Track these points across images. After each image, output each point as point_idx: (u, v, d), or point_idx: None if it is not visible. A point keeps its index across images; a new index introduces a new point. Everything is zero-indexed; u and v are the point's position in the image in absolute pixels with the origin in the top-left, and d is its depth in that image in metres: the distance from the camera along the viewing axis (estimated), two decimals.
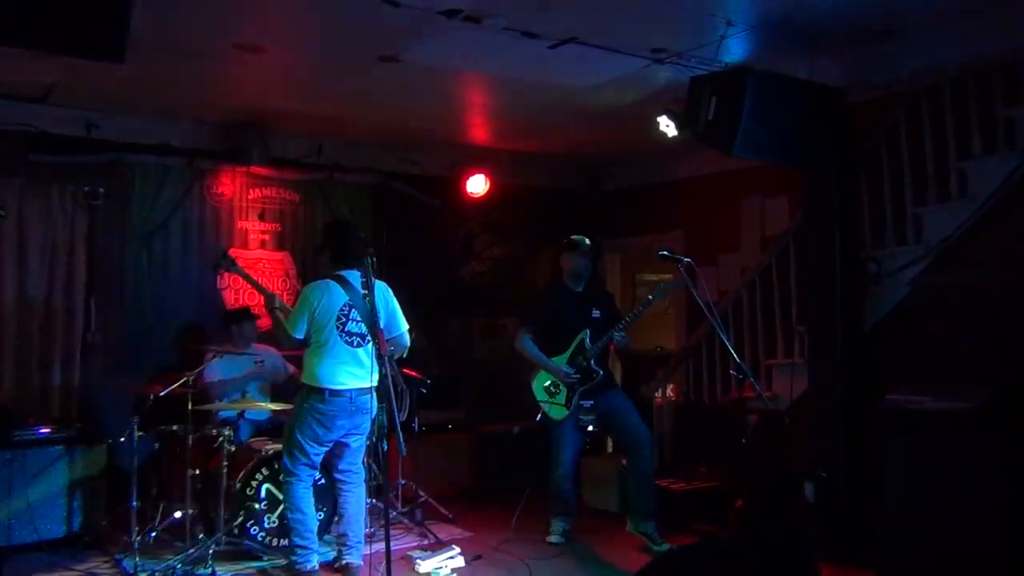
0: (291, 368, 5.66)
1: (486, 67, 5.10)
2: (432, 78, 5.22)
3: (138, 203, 6.09)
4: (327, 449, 4.40)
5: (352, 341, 4.31)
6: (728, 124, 4.18)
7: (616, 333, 5.09)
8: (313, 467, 4.38)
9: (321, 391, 4.26)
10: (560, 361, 5.19)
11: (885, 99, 5.08)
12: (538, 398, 5.26)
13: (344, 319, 4.30)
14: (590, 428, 5.27)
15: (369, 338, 4.22)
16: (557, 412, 5.19)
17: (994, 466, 3.94)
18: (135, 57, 3.00)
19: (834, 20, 4.30)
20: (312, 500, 4.42)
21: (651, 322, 7.98)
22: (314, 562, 4.37)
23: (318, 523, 4.57)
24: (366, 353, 4.29)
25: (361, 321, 4.30)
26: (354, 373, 4.31)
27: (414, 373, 5.63)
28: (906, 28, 4.46)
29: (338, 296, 4.31)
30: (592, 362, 5.14)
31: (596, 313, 5.24)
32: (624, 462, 5.47)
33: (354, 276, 4.33)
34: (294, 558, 4.35)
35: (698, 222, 7.30)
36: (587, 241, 5.31)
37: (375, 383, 4.29)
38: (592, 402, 5.15)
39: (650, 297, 5.16)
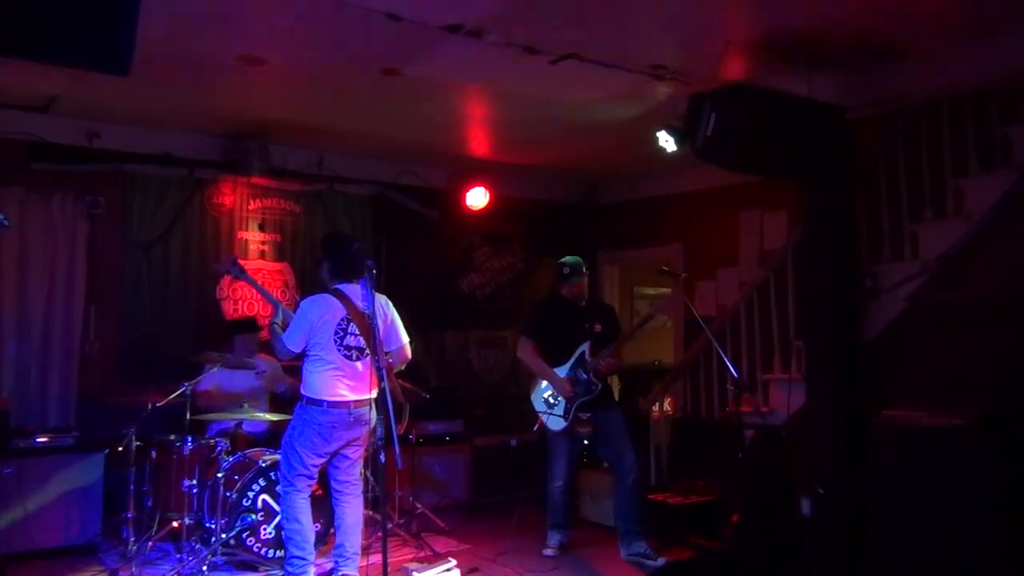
0: (288, 380, 5.67)
1: (487, 81, 5.13)
2: (433, 91, 5.25)
3: (138, 213, 6.11)
4: (325, 460, 4.41)
5: (351, 354, 4.32)
6: (727, 140, 4.20)
7: (602, 360, 5.10)
8: (311, 478, 4.38)
9: (320, 403, 4.27)
10: (560, 372, 5.20)
11: (883, 116, 5.13)
12: (536, 408, 5.27)
13: (343, 333, 4.31)
14: (585, 441, 5.28)
15: (368, 351, 4.23)
16: (555, 423, 5.20)
17: (989, 482, 3.94)
18: (138, 68, 3.01)
19: (833, 39, 4.34)
20: (309, 511, 4.41)
21: (649, 336, 8.00)
22: (311, 573, 4.37)
23: (315, 534, 4.57)
24: (365, 366, 4.30)
25: (360, 335, 4.31)
26: (353, 386, 4.31)
27: (409, 385, 5.63)
28: (905, 47, 4.50)
29: (336, 310, 4.32)
30: (592, 375, 5.15)
31: (598, 327, 5.26)
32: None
33: (352, 290, 4.34)
34: (290, 569, 4.34)
35: (697, 236, 7.33)
36: (581, 267, 5.28)
37: (374, 395, 4.32)
38: (589, 415, 5.16)
39: (652, 312, 5.18)
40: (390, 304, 4.53)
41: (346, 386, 4.30)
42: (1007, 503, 3.91)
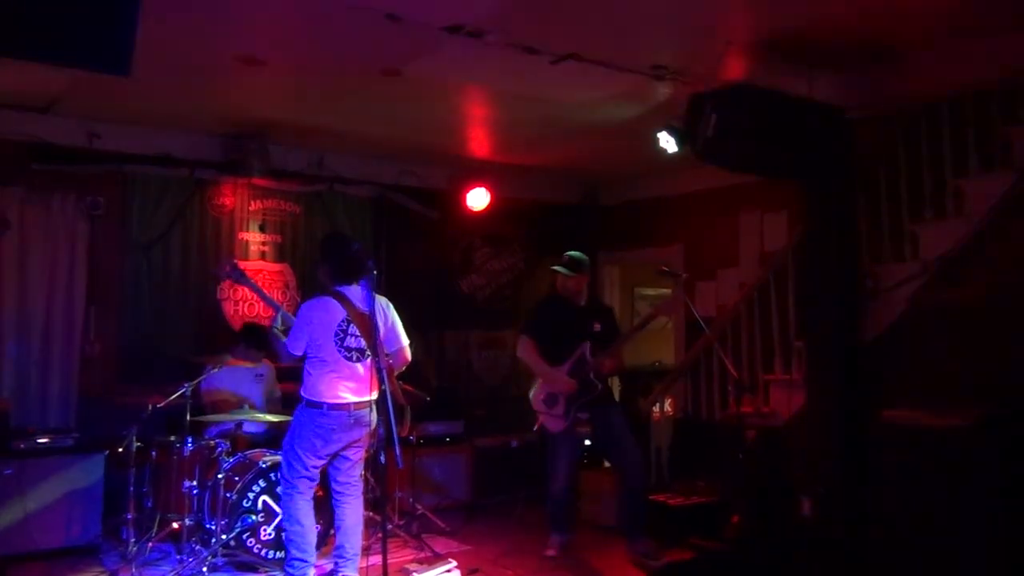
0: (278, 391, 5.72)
1: (488, 82, 5.13)
2: (433, 92, 5.25)
3: (138, 213, 6.11)
4: (325, 462, 4.40)
5: (351, 356, 4.31)
6: (727, 140, 4.21)
7: (603, 360, 5.09)
8: (312, 480, 4.37)
9: (321, 405, 4.26)
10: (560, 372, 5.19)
11: (883, 116, 5.12)
12: (536, 408, 5.26)
13: (343, 334, 4.30)
14: (586, 441, 5.27)
15: (369, 352, 4.22)
16: (554, 423, 5.19)
17: (989, 482, 3.94)
18: (138, 68, 3.02)
19: (833, 39, 4.34)
20: (311, 513, 4.40)
21: (649, 336, 8.00)
22: (311, 575, 4.36)
23: (316, 535, 4.56)
24: (365, 367, 4.30)
25: (360, 336, 4.31)
26: (353, 387, 4.30)
27: (410, 388, 5.62)
28: (905, 47, 4.50)
29: (336, 311, 4.31)
30: (592, 375, 5.14)
31: (597, 327, 5.25)
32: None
33: (353, 291, 4.34)
34: (290, 570, 4.33)
35: (697, 236, 7.33)
36: (577, 263, 5.25)
37: (375, 397, 4.32)
38: (589, 415, 5.16)
39: (653, 313, 5.18)
40: (390, 306, 4.53)
41: (346, 388, 4.29)
42: (1007, 503, 3.91)
